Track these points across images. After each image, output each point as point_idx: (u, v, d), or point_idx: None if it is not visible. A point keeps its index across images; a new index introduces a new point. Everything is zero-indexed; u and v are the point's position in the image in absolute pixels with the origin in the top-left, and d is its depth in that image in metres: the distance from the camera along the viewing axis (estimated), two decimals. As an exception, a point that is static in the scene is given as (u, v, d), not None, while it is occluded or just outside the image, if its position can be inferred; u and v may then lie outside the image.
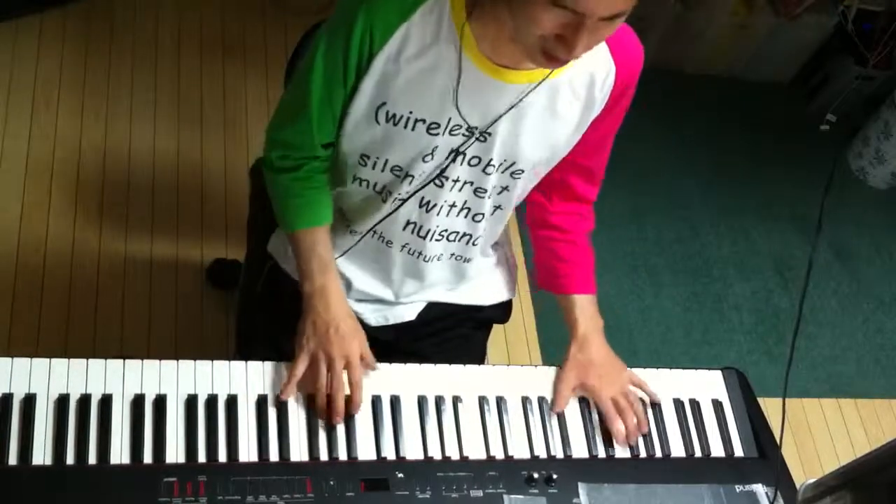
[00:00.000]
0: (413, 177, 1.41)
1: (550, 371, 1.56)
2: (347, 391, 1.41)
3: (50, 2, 2.82)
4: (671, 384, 1.60)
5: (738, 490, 1.48)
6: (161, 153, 2.69)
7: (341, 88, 1.33)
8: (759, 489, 1.49)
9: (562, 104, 1.36)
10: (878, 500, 1.34)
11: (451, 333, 1.69)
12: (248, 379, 1.41)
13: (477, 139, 1.36)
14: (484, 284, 1.68)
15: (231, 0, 3.06)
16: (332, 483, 1.33)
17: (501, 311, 1.75)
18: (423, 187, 1.43)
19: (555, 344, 2.57)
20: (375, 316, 1.63)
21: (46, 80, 2.72)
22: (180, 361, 1.39)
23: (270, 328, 1.72)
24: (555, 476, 1.42)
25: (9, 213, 2.47)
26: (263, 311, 1.74)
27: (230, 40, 2.98)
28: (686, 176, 3.21)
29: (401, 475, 1.36)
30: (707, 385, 1.62)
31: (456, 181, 1.42)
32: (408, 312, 1.65)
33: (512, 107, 1.33)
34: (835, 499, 1.41)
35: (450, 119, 1.33)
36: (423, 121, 1.33)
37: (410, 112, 1.33)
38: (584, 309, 1.58)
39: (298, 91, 1.37)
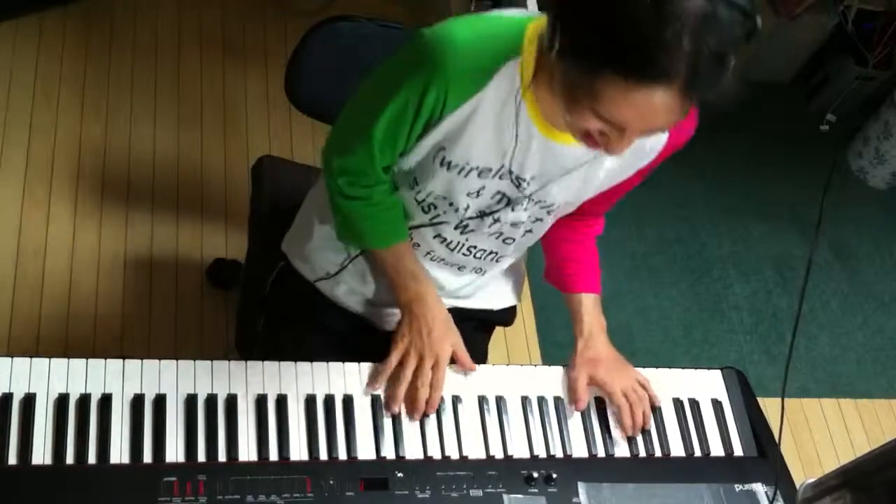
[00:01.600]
0: (456, 207, 1.42)
1: (550, 371, 1.56)
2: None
3: (50, 2, 2.82)
4: (671, 384, 1.60)
5: (737, 489, 1.48)
6: (161, 153, 2.69)
7: (405, 137, 1.33)
8: (759, 488, 1.49)
9: (608, 162, 1.38)
10: (878, 500, 1.34)
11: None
12: (248, 379, 1.41)
13: (522, 191, 1.39)
14: (494, 291, 1.69)
15: (231, 0, 3.06)
16: (331, 482, 1.33)
17: (507, 315, 1.76)
18: (462, 220, 1.45)
19: (554, 344, 2.57)
20: (389, 320, 1.63)
21: (46, 80, 2.72)
22: (180, 361, 1.39)
23: (273, 328, 1.72)
24: (554, 475, 1.42)
25: (9, 213, 2.47)
26: (267, 311, 1.74)
27: (230, 40, 2.98)
28: (686, 176, 3.21)
29: (400, 475, 1.36)
30: (707, 385, 1.62)
31: (497, 220, 1.44)
32: None
33: (567, 172, 1.35)
34: (835, 499, 1.41)
35: (501, 167, 1.35)
36: (477, 168, 1.35)
37: (467, 162, 1.34)
38: (589, 308, 1.59)
39: (361, 121, 1.36)
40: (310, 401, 1.41)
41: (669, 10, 1.00)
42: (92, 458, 1.28)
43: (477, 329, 1.74)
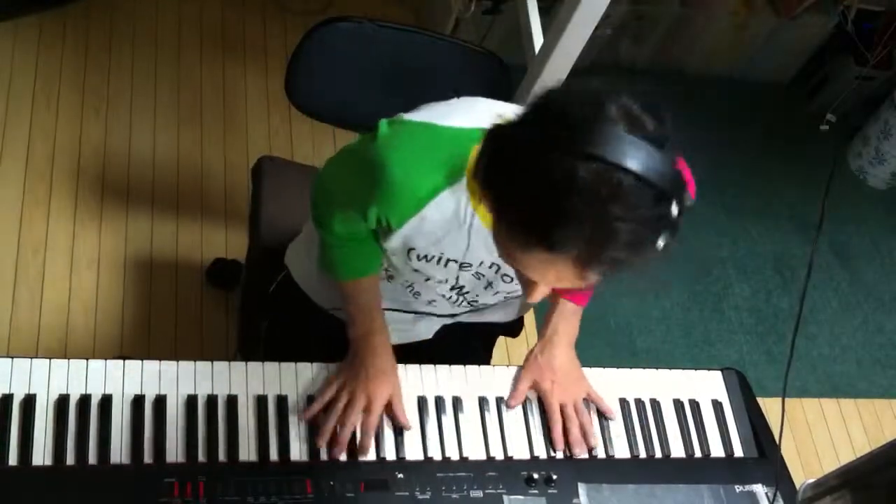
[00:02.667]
0: (447, 282, 1.43)
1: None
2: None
3: (50, 2, 2.82)
4: (671, 384, 1.60)
5: (737, 490, 1.48)
6: (161, 153, 2.69)
7: (362, 224, 1.35)
8: (759, 489, 1.49)
9: None
10: (878, 500, 1.35)
11: (465, 349, 1.69)
12: (248, 379, 1.41)
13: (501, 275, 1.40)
14: (501, 309, 1.68)
15: (231, 0, 3.06)
16: (331, 483, 1.33)
17: (513, 327, 1.76)
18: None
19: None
20: (392, 336, 1.63)
21: (46, 80, 2.71)
22: (180, 361, 1.39)
23: (273, 330, 1.72)
24: (554, 476, 1.42)
25: (9, 212, 2.47)
26: (268, 313, 1.74)
27: (230, 40, 2.98)
28: (686, 176, 3.21)
29: (401, 475, 1.36)
30: (707, 385, 1.62)
31: (493, 285, 1.45)
32: (425, 332, 1.65)
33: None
34: (835, 499, 1.41)
35: (482, 262, 1.36)
36: (455, 260, 1.36)
37: (441, 254, 1.34)
38: (563, 314, 1.55)
39: (336, 192, 1.40)
40: (310, 401, 1.41)
41: (568, 182, 0.95)
42: (92, 459, 1.28)
43: (482, 339, 1.74)
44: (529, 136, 1.00)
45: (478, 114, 1.24)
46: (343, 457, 1.37)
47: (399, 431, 1.42)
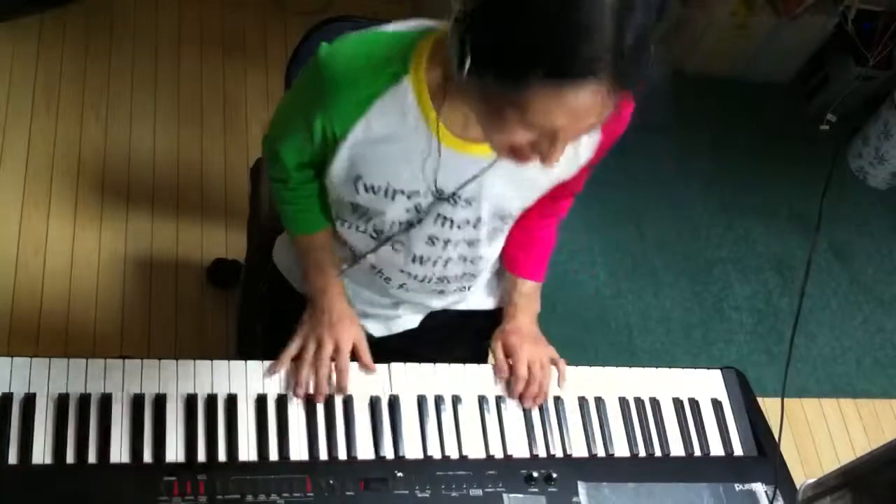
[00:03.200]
0: (401, 231, 1.41)
1: (550, 371, 1.56)
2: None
3: (50, 2, 2.82)
4: (671, 384, 1.60)
5: (737, 489, 1.48)
6: (161, 153, 2.69)
7: (310, 148, 1.35)
8: (759, 488, 1.49)
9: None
10: (878, 500, 1.35)
11: (454, 340, 1.69)
12: (248, 378, 1.41)
13: (461, 205, 1.37)
14: (490, 292, 1.68)
15: (231, 0, 3.06)
16: (331, 482, 1.33)
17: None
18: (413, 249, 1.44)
19: (553, 344, 2.57)
20: (378, 328, 1.63)
21: (46, 80, 2.72)
22: (180, 361, 1.39)
23: (271, 328, 1.72)
24: (554, 475, 1.42)
25: (9, 212, 2.47)
26: (265, 312, 1.74)
27: (230, 40, 2.98)
28: (686, 176, 3.21)
29: (400, 474, 1.36)
30: (707, 385, 1.62)
31: (448, 241, 1.44)
32: (410, 321, 1.65)
33: (475, 177, 1.32)
34: (835, 499, 1.41)
35: (428, 188, 1.34)
36: (402, 191, 1.34)
37: (388, 183, 1.33)
38: (524, 292, 1.58)
39: (277, 123, 1.41)
40: (310, 400, 1.41)
41: (581, 2, 0.97)
42: (92, 458, 1.28)
43: (476, 334, 1.74)
44: None
45: (411, 23, 1.27)
46: (343, 456, 1.37)
47: (399, 431, 1.42)
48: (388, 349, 1.60)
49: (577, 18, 0.97)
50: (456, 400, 1.47)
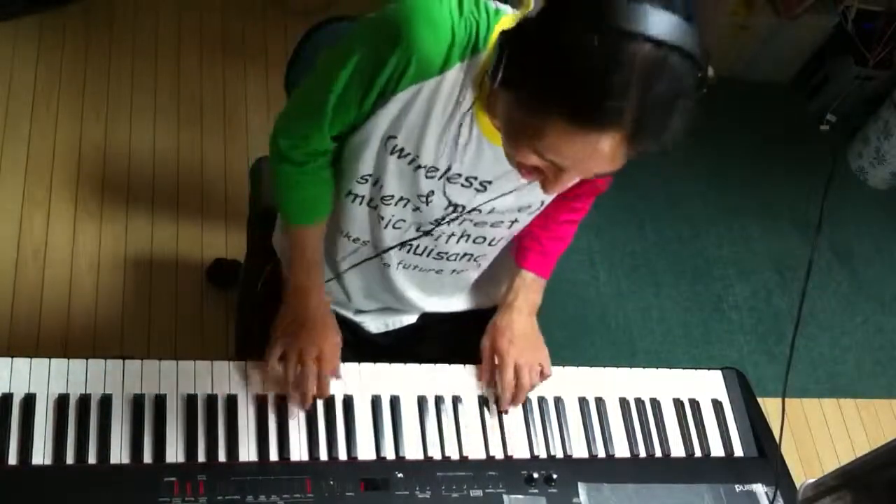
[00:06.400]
0: (412, 208, 1.40)
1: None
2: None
3: (50, 2, 2.82)
4: (671, 384, 1.60)
5: (737, 490, 1.48)
6: (161, 153, 2.69)
7: (356, 107, 1.30)
8: (759, 489, 1.49)
9: None
10: (878, 500, 1.35)
11: (452, 337, 1.69)
12: (248, 379, 1.41)
13: (476, 189, 1.36)
14: (487, 290, 1.67)
15: (231, 1, 3.06)
16: (331, 483, 1.33)
17: None
18: (421, 232, 1.43)
19: (554, 344, 2.56)
20: (376, 323, 1.63)
21: (46, 80, 2.72)
22: (180, 361, 1.39)
23: (269, 329, 1.72)
24: (555, 476, 1.42)
25: (9, 213, 2.47)
26: (263, 312, 1.74)
27: (230, 40, 2.98)
28: (686, 176, 3.21)
29: (400, 475, 1.36)
30: (707, 385, 1.62)
31: (458, 231, 1.43)
32: (408, 317, 1.64)
33: (502, 174, 1.33)
34: (835, 499, 1.41)
35: (449, 167, 1.33)
36: (425, 166, 1.33)
37: (418, 154, 1.31)
38: (525, 283, 1.56)
39: (317, 88, 1.32)
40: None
41: (619, 56, 0.98)
42: (92, 458, 1.28)
43: (475, 331, 1.74)
44: (569, 17, 1.02)
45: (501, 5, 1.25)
46: (343, 456, 1.37)
47: (399, 431, 1.42)
48: (387, 347, 1.60)
49: (608, 75, 0.99)
50: (456, 400, 1.47)
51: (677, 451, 1.53)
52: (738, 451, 1.56)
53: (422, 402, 1.46)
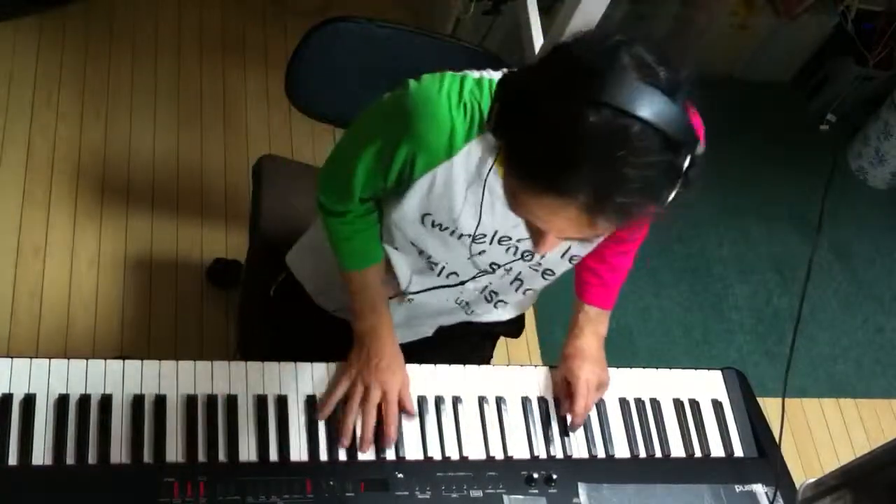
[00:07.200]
0: (459, 276, 1.42)
1: (551, 371, 1.56)
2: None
3: (50, 2, 2.82)
4: (671, 384, 1.60)
5: (737, 490, 1.48)
6: (161, 153, 2.69)
7: (382, 180, 1.32)
8: (759, 489, 1.49)
9: None
10: (878, 500, 1.35)
11: (461, 341, 1.69)
12: (248, 379, 1.41)
13: (524, 254, 1.39)
14: (505, 305, 1.67)
15: (231, 0, 3.06)
16: (331, 483, 1.33)
17: (514, 327, 1.75)
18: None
19: (555, 345, 2.57)
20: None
21: (46, 80, 2.71)
22: (180, 361, 1.39)
23: (274, 331, 1.72)
24: (555, 476, 1.42)
25: (9, 213, 2.47)
26: (269, 314, 1.74)
27: (230, 40, 2.98)
28: (686, 176, 3.21)
29: (400, 475, 1.36)
30: (707, 385, 1.62)
31: (509, 271, 1.45)
32: (426, 329, 1.64)
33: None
34: (835, 499, 1.41)
35: (496, 231, 1.35)
36: (470, 235, 1.34)
37: (456, 227, 1.33)
38: (590, 316, 1.57)
39: (348, 154, 1.36)
40: (310, 401, 1.41)
41: (576, 125, 0.96)
42: (92, 459, 1.28)
43: (483, 337, 1.74)
44: (541, 83, 1.01)
45: (497, 72, 1.26)
46: (343, 457, 1.37)
47: (399, 432, 1.42)
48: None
49: (562, 142, 0.97)
50: (456, 400, 1.47)
51: (677, 451, 1.53)
52: (738, 452, 1.56)
53: (422, 401, 1.46)
